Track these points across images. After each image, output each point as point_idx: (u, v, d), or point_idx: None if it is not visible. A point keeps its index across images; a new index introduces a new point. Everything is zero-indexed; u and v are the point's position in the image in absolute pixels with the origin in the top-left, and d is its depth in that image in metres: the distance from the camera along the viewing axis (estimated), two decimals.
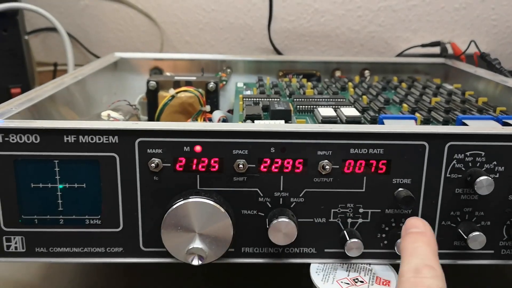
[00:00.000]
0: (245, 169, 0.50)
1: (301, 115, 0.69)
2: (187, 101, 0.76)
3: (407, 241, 0.45)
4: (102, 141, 0.49)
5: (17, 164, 0.50)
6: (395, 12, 1.30)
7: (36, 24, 1.36)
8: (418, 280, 0.40)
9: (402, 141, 0.50)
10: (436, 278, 0.41)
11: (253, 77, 0.98)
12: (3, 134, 0.49)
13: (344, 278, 0.51)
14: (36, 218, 0.52)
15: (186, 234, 0.49)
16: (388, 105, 0.74)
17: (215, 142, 0.50)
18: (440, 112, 0.68)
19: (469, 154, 0.50)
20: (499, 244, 0.54)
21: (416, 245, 0.44)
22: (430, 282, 0.40)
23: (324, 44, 1.34)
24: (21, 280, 0.63)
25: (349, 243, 0.51)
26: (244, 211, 0.52)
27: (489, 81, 0.81)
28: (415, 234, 0.45)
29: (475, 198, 0.52)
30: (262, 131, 0.50)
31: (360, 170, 0.51)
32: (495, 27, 1.31)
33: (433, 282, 0.40)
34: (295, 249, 0.53)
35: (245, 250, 0.53)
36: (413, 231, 0.45)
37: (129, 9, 1.35)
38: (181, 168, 0.50)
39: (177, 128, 0.49)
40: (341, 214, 0.52)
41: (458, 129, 0.52)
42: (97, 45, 1.39)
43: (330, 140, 0.50)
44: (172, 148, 0.50)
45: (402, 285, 0.40)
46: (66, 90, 0.68)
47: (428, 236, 0.45)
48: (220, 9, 1.33)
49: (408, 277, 0.41)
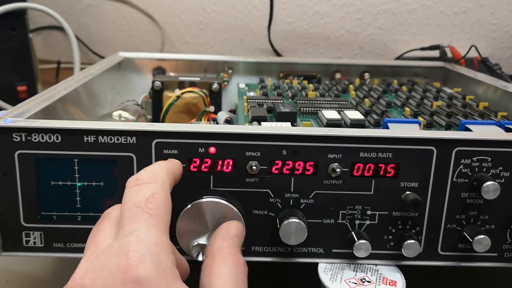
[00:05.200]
0: (257, 170, 0.51)
1: (305, 117, 0.70)
2: (191, 102, 0.77)
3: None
4: (121, 142, 0.50)
5: (38, 162, 0.51)
6: (395, 15, 1.32)
7: (39, 22, 1.36)
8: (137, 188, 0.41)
9: (411, 146, 0.51)
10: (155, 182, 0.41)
11: (254, 78, 0.98)
12: (25, 133, 0.50)
13: (352, 278, 0.52)
14: (54, 215, 0.53)
15: (199, 231, 0.50)
16: (390, 108, 0.75)
17: (229, 144, 0.51)
18: (442, 116, 0.69)
19: (475, 160, 0.52)
20: (502, 247, 0.55)
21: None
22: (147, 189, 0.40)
23: (323, 46, 1.35)
24: (33, 274, 0.63)
25: (357, 244, 0.52)
26: (255, 211, 0.53)
27: (489, 85, 0.82)
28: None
29: (480, 202, 0.53)
30: (275, 134, 0.51)
31: (369, 173, 0.52)
32: (494, 31, 1.32)
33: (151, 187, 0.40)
34: (304, 249, 0.55)
35: (255, 249, 0.55)
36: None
37: (131, 8, 1.36)
38: (195, 168, 0.51)
39: (193, 130, 0.50)
40: (349, 215, 0.54)
41: (466, 135, 0.53)
42: (98, 44, 1.39)
43: (341, 144, 0.51)
44: (187, 149, 0.51)
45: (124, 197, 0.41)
46: (75, 90, 0.69)
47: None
48: (220, 10, 1.34)
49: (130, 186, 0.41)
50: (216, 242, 0.43)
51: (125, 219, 0.38)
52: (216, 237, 0.44)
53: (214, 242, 0.43)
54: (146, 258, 0.35)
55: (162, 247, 0.36)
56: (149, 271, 0.34)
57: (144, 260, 0.35)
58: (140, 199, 0.39)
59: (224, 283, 0.38)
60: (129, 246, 0.35)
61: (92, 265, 0.35)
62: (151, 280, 0.34)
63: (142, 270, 0.34)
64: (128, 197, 0.40)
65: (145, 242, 0.36)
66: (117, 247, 0.36)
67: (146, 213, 0.38)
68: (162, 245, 0.37)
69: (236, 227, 0.46)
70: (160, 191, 0.40)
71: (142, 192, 0.40)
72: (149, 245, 0.36)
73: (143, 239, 0.36)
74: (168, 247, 0.37)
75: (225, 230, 0.45)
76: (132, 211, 0.38)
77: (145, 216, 0.38)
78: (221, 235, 0.44)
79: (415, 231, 0.54)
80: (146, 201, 0.39)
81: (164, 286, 0.34)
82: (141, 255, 0.35)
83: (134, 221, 0.38)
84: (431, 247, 0.55)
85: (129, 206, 0.39)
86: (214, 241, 0.43)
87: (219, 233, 0.45)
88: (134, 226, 0.37)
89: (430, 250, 0.55)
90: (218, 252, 0.41)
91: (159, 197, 0.40)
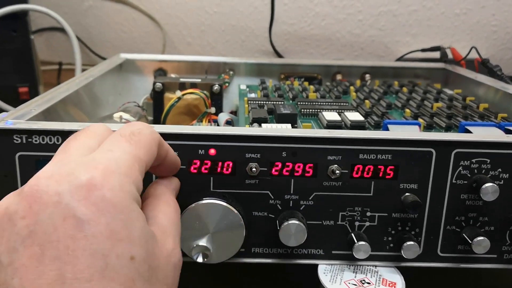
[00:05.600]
0: (257, 172, 0.51)
1: (305, 119, 0.70)
2: (192, 103, 0.77)
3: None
4: None
5: (39, 164, 0.51)
6: (396, 16, 1.32)
7: (40, 24, 1.37)
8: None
9: (410, 148, 0.52)
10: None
11: (255, 79, 0.99)
12: (26, 135, 0.50)
13: (352, 279, 0.53)
14: None
15: (199, 232, 0.50)
16: (390, 109, 0.76)
17: (229, 146, 0.51)
18: (442, 117, 0.69)
19: (475, 161, 0.52)
20: (502, 248, 0.55)
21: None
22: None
23: (324, 47, 1.36)
24: None
25: (357, 245, 0.52)
26: (255, 212, 0.53)
27: (489, 87, 0.82)
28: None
29: (479, 203, 0.53)
30: (274, 136, 0.51)
31: (369, 175, 0.52)
32: (495, 33, 1.32)
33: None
34: (303, 250, 0.55)
35: (255, 250, 0.55)
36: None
37: (132, 10, 1.36)
38: (195, 170, 0.51)
39: (193, 132, 0.51)
40: (349, 217, 0.54)
41: (465, 136, 0.53)
42: (100, 45, 1.40)
43: (340, 146, 0.51)
44: (187, 151, 0.51)
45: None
46: (76, 92, 0.69)
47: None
48: (222, 12, 1.34)
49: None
50: (159, 187, 0.45)
51: (106, 143, 0.39)
52: (161, 183, 0.46)
53: (157, 187, 0.45)
54: (115, 175, 0.35)
55: (132, 172, 0.37)
56: (114, 187, 0.35)
57: (112, 176, 0.35)
58: (126, 131, 0.40)
59: (168, 221, 0.41)
60: (101, 160, 0.36)
61: (59, 170, 0.35)
62: (113, 196, 0.34)
63: (107, 184, 0.34)
64: (117, 130, 0.41)
65: (117, 162, 0.37)
66: (88, 159, 0.36)
67: (128, 142, 0.39)
68: (132, 170, 0.37)
69: (177, 182, 0.49)
70: (147, 132, 0.41)
71: (130, 128, 0.41)
72: (120, 165, 0.36)
73: (116, 158, 0.37)
74: (137, 177, 0.38)
75: (168, 180, 0.47)
76: (115, 138, 0.40)
77: (126, 144, 0.39)
78: (165, 183, 0.46)
79: (415, 232, 0.54)
80: (131, 133, 0.40)
81: (125, 205, 0.35)
82: (110, 171, 0.35)
83: (114, 145, 0.39)
84: (430, 249, 0.55)
85: (115, 134, 0.40)
86: (157, 186, 0.45)
87: (163, 181, 0.47)
88: (112, 148, 0.38)
89: (429, 252, 0.55)
90: (162, 195, 0.44)
91: (145, 135, 0.41)
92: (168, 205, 0.43)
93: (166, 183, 0.46)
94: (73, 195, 0.33)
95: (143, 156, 0.39)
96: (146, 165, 0.40)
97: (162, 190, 0.45)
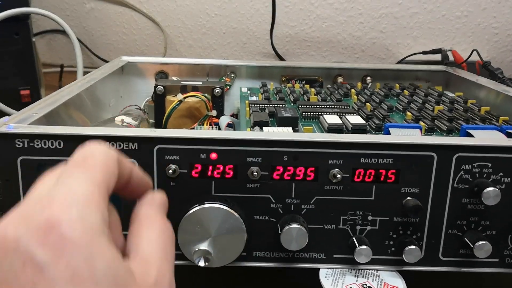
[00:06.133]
0: (258, 176, 0.52)
1: (306, 122, 0.70)
2: (194, 106, 0.77)
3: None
4: (122, 147, 0.50)
5: (41, 168, 0.51)
6: (397, 19, 1.32)
7: (42, 26, 1.37)
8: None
9: (411, 152, 0.52)
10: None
11: (256, 82, 0.99)
12: (28, 139, 0.50)
13: (353, 283, 0.53)
14: None
15: (200, 236, 0.50)
16: (391, 112, 0.76)
17: (230, 150, 0.51)
18: (443, 121, 0.69)
19: (476, 165, 0.52)
20: (503, 253, 0.55)
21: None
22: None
23: (325, 49, 1.36)
24: None
25: (358, 249, 0.52)
26: (256, 216, 0.53)
27: (490, 90, 0.82)
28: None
29: (481, 208, 0.53)
30: (276, 140, 0.51)
31: (370, 179, 0.52)
32: (496, 35, 1.32)
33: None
34: (305, 254, 0.55)
35: (256, 254, 0.55)
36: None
37: (134, 12, 1.36)
38: (197, 174, 0.51)
39: (194, 136, 0.51)
40: (350, 221, 0.54)
41: (466, 140, 0.53)
42: (101, 48, 1.40)
43: (342, 150, 0.51)
44: (189, 155, 0.51)
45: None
46: (78, 95, 0.69)
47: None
48: (223, 14, 1.35)
49: None
50: (142, 208, 0.42)
51: (61, 175, 0.37)
52: (142, 204, 0.43)
53: (140, 209, 0.42)
54: (72, 208, 0.33)
55: (92, 200, 0.35)
56: (73, 222, 0.32)
57: (69, 210, 0.33)
58: (79, 157, 0.38)
59: (151, 248, 0.38)
60: (56, 195, 0.34)
61: (18, 214, 0.34)
62: (72, 232, 0.32)
63: (64, 220, 0.32)
64: (70, 158, 0.38)
65: (74, 193, 0.34)
66: (44, 197, 0.34)
67: (82, 167, 0.37)
68: (93, 198, 0.35)
69: (160, 197, 0.45)
70: (101, 152, 0.38)
71: (82, 152, 0.38)
72: (78, 195, 0.34)
73: (72, 189, 0.34)
74: (100, 204, 0.35)
75: (151, 198, 0.44)
76: (68, 167, 0.37)
77: (80, 171, 0.36)
78: (147, 203, 0.43)
79: (416, 236, 0.54)
80: (83, 158, 0.37)
81: (87, 240, 0.32)
82: (66, 205, 0.33)
83: (68, 175, 0.36)
84: (432, 253, 0.55)
85: (68, 163, 0.37)
86: (140, 208, 0.42)
87: (144, 201, 0.43)
88: (66, 179, 0.36)
89: (431, 256, 0.55)
90: (145, 218, 0.41)
91: (99, 155, 0.38)
92: (152, 229, 0.40)
93: (149, 202, 0.43)
94: (30, 239, 0.32)
95: (102, 179, 0.37)
96: (107, 188, 0.37)
97: (144, 212, 0.42)
